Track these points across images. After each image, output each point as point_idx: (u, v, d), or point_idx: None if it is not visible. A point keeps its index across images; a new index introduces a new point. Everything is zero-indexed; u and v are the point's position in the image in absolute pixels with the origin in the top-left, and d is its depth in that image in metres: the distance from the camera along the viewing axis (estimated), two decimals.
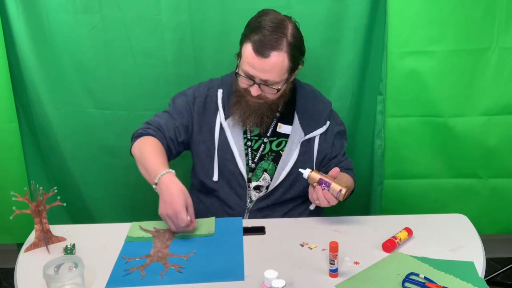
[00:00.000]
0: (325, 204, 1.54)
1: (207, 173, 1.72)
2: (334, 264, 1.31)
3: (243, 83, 1.63)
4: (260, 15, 1.59)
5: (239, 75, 1.62)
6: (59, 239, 1.51)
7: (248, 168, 1.71)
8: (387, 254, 1.42)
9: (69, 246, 1.44)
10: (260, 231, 1.56)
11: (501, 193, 2.01)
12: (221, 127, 1.70)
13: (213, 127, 1.70)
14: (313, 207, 1.68)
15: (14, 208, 1.43)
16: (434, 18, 1.80)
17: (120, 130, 2.05)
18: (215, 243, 1.48)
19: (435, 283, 1.26)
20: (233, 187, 1.71)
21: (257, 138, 1.73)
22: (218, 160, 1.70)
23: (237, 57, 1.65)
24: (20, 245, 1.56)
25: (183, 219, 1.45)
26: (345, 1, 1.89)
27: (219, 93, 1.72)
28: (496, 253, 2.55)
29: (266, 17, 1.57)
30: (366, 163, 2.08)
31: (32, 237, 1.50)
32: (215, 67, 1.95)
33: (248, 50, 1.56)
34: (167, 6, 1.90)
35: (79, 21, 1.92)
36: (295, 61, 1.60)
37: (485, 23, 1.81)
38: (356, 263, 1.37)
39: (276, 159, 1.71)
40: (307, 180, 1.57)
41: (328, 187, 1.52)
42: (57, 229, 1.54)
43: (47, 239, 1.49)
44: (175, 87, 1.93)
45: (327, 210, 1.75)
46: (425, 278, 1.28)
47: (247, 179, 1.70)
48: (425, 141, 1.97)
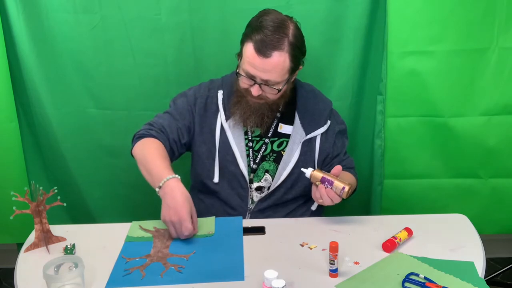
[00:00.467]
0: (328, 202, 1.53)
1: (208, 174, 1.71)
2: (334, 264, 1.30)
3: (243, 83, 1.62)
4: (261, 15, 1.59)
5: (239, 75, 1.61)
6: (59, 239, 1.51)
7: (249, 169, 1.71)
8: (387, 254, 1.42)
9: (69, 246, 1.44)
10: (260, 231, 1.55)
11: (501, 193, 2.01)
12: (222, 128, 1.69)
13: (214, 128, 1.70)
14: (315, 207, 1.67)
15: (14, 208, 1.43)
16: (434, 18, 1.80)
17: (120, 130, 2.05)
18: (215, 243, 1.48)
19: (435, 283, 1.26)
20: (235, 188, 1.71)
21: (258, 138, 1.72)
22: (219, 161, 1.69)
23: (238, 57, 1.64)
24: (20, 245, 1.56)
25: (188, 227, 1.44)
26: (345, 1, 1.89)
27: (220, 94, 1.71)
28: (496, 253, 2.54)
29: (267, 17, 1.56)
30: (366, 163, 2.08)
31: (32, 237, 1.50)
32: (215, 67, 1.95)
33: (249, 49, 1.55)
34: (167, 6, 1.90)
35: (79, 21, 1.92)
36: (296, 61, 1.59)
37: (485, 23, 1.81)
38: (356, 263, 1.37)
39: (277, 160, 1.71)
40: (309, 179, 1.56)
41: (331, 185, 1.52)
42: (57, 229, 1.54)
43: (47, 239, 1.48)
44: (175, 87, 1.93)
45: (327, 209, 1.75)
46: (425, 278, 1.28)
47: (249, 180, 1.70)
48: (425, 141, 1.97)
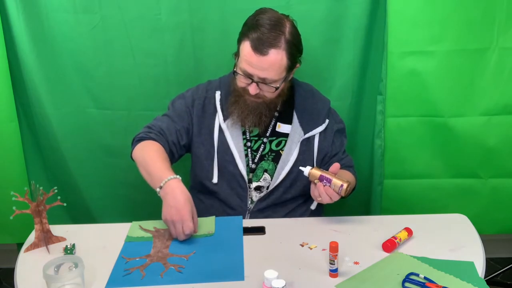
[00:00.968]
0: (327, 200, 1.53)
1: (207, 175, 1.71)
2: (334, 264, 1.30)
3: (241, 82, 1.62)
4: (257, 13, 1.59)
5: (237, 74, 1.61)
6: (59, 239, 1.51)
7: (248, 169, 1.71)
8: (387, 254, 1.42)
9: (69, 246, 1.44)
10: (260, 231, 1.55)
11: (501, 193, 2.01)
12: (220, 129, 1.69)
13: (212, 129, 1.70)
14: (314, 206, 1.67)
15: (14, 208, 1.43)
16: (434, 18, 1.80)
17: (120, 130, 2.06)
18: (215, 243, 1.48)
19: (435, 283, 1.26)
20: (234, 188, 1.71)
21: (257, 138, 1.72)
22: (218, 161, 1.69)
23: (235, 56, 1.64)
24: (20, 245, 1.56)
25: (189, 226, 1.44)
26: (345, 1, 1.89)
27: (217, 94, 1.71)
28: (496, 253, 2.54)
29: (264, 15, 1.57)
30: (366, 163, 2.08)
31: (32, 237, 1.50)
32: (215, 67, 1.95)
33: (246, 48, 1.55)
34: (167, 6, 1.91)
35: (79, 21, 1.92)
36: (293, 59, 1.59)
37: (485, 23, 1.81)
38: (356, 263, 1.37)
39: (276, 159, 1.71)
40: (307, 178, 1.56)
41: (329, 183, 1.52)
42: (57, 229, 1.54)
43: (47, 239, 1.48)
44: (175, 87, 1.93)
45: (327, 209, 1.75)
46: (425, 278, 1.28)
47: (248, 180, 1.70)
48: (425, 141, 1.97)
